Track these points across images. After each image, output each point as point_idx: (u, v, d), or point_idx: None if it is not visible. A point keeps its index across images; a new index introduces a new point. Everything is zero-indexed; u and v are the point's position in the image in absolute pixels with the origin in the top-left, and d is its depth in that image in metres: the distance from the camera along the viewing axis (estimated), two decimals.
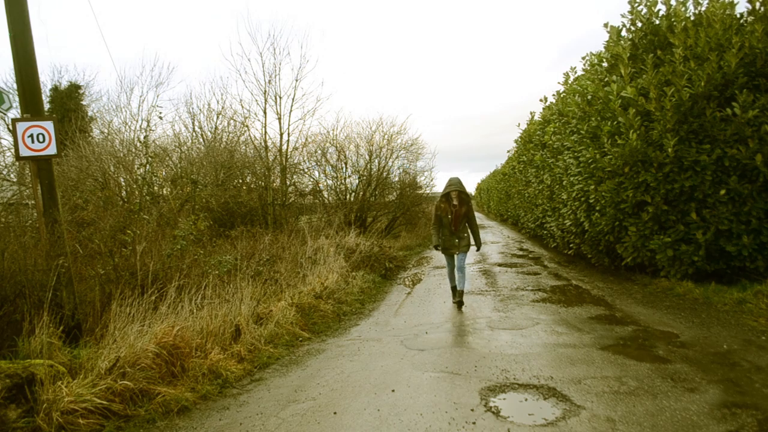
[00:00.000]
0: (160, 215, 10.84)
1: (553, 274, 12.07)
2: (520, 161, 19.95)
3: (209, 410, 5.09)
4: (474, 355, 6.27)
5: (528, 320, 7.78)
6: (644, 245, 9.63)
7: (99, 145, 15.62)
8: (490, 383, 5.32)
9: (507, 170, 25.80)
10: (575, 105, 11.02)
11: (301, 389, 5.50)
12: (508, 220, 28.89)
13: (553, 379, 5.33)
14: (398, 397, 5.07)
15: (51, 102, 24.21)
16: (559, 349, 6.34)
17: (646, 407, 4.54)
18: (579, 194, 11.30)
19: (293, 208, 18.50)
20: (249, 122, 18.34)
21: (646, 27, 9.80)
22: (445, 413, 4.65)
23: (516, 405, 4.79)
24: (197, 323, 6.45)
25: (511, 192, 24.63)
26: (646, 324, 7.31)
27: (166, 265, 7.71)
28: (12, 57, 6.24)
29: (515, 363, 5.88)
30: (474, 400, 4.90)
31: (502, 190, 29.42)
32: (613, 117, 9.63)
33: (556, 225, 14.52)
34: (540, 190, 15.93)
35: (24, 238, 6.81)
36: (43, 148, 6.10)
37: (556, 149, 13.15)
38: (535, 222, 18.24)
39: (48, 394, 4.68)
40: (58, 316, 5.72)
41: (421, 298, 10.10)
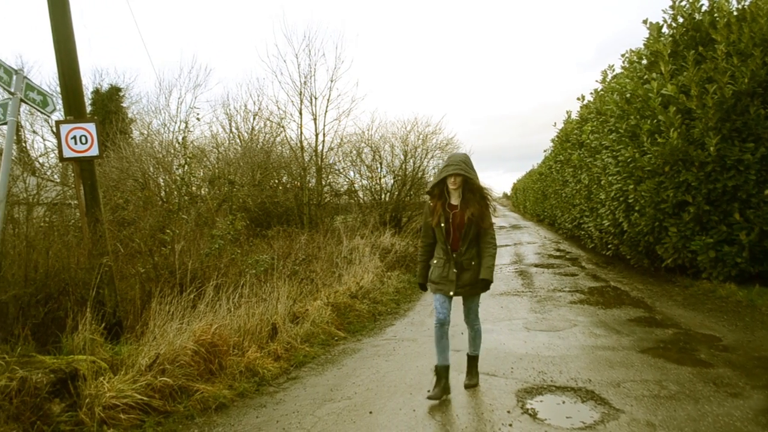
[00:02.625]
0: (198, 215, 11.00)
1: (591, 276, 11.92)
2: (556, 161, 19.73)
3: (246, 407, 5.15)
4: (510, 356, 6.23)
5: (565, 322, 7.70)
6: (685, 246, 9.44)
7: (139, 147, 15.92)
8: (527, 385, 5.27)
9: (543, 170, 25.53)
10: (614, 103, 10.84)
11: (337, 388, 5.52)
12: (545, 221, 28.58)
13: (592, 381, 5.26)
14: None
15: (92, 104, 24.76)
16: (598, 351, 6.25)
17: (688, 412, 4.45)
18: (618, 194, 11.12)
19: (329, 208, 18.57)
20: (285, 123, 18.47)
21: (688, 23, 9.59)
22: (481, 414, 4.62)
23: (553, 407, 4.74)
24: (235, 322, 6.53)
25: (548, 192, 24.36)
26: (687, 327, 7.17)
27: (204, 264, 7.82)
28: (56, 61, 6.39)
29: (552, 365, 5.82)
30: (510, 402, 4.86)
31: (539, 190, 29.11)
32: (652, 115, 9.45)
33: (593, 225, 14.31)
34: (577, 189, 15.73)
35: (67, 237, 6.97)
36: (85, 149, 6.23)
37: (594, 148, 12.96)
38: (573, 222, 18.01)
39: (90, 389, 4.78)
40: (100, 314, 5.84)
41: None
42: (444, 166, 5.18)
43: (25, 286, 5.55)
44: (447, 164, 5.12)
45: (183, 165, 10.61)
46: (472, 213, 4.98)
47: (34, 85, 6.24)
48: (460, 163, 5.02)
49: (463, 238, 5.06)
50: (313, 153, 17.75)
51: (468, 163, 5.09)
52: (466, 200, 5.05)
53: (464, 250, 5.08)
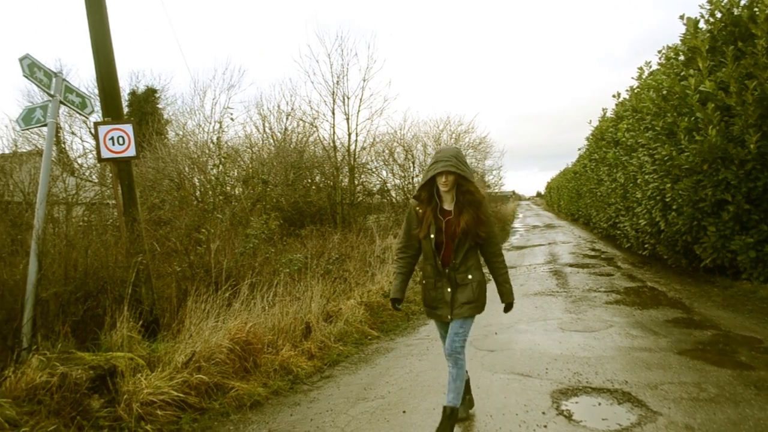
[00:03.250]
0: (232, 214, 11.12)
1: (627, 276, 11.74)
2: (591, 159, 19.49)
3: (281, 405, 5.19)
4: (545, 357, 6.17)
5: (601, 322, 7.60)
6: (724, 246, 9.24)
7: (174, 147, 16.15)
8: (562, 386, 5.22)
9: (578, 168, 25.25)
10: (650, 100, 10.66)
11: (371, 387, 5.53)
12: (579, 220, 28.27)
13: (628, 383, 5.18)
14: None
15: (129, 106, 25.20)
16: (634, 352, 6.16)
17: (728, 415, 4.36)
18: (654, 193, 10.94)
19: (361, 208, 18.62)
20: (317, 123, 18.58)
21: (726, 18, 9.37)
22: (516, 415, 4.59)
23: (589, 409, 4.68)
24: (269, 320, 6.59)
25: (582, 191, 24.09)
26: (727, 328, 7.02)
27: (238, 263, 7.90)
28: (93, 64, 6.51)
29: (588, 366, 5.75)
30: (545, 403, 4.82)
31: (573, 189, 28.81)
32: (690, 112, 9.27)
33: (629, 225, 14.11)
34: (613, 188, 15.52)
35: (105, 236, 7.10)
36: (123, 150, 6.33)
37: (630, 146, 12.77)
38: (608, 221, 17.78)
39: (128, 385, 4.86)
40: (138, 311, 5.94)
41: (489, 298, 9.88)
42: (432, 162, 4.27)
43: (65, 284, 5.67)
44: (435, 160, 4.24)
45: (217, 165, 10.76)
46: (467, 221, 4.16)
47: (73, 88, 6.36)
48: (450, 158, 4.17)
49: (456, 250, 4.25)
50: (346, 152, 17.83)
51: (460, 158, 4.26)
52: (460, 204, 4.23)
53: (458, 263, 4.27)
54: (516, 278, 12.09)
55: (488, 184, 24.19)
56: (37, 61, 5.90)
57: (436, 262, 4.29)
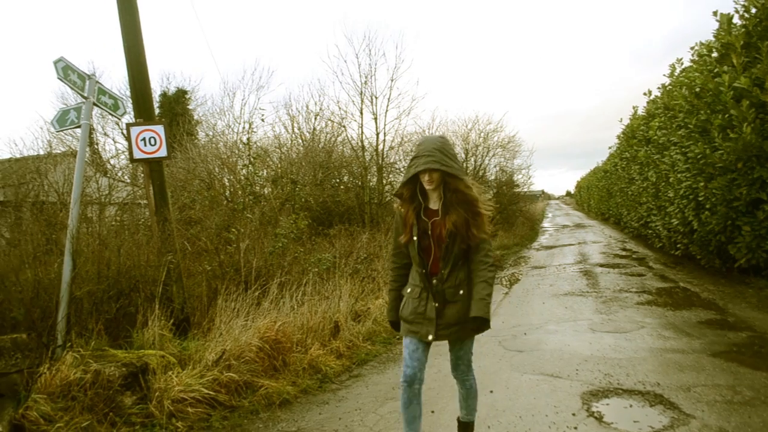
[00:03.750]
0: (262, 214, 11.18)
1: (659, 276, 11.57)
2: (622, 158, 19.24)
3: (309, 404, 5.22)
4: (575, 358, 6.11)
5: (632, 323, 7.50)
6: (760, 246, 9.05)
7: (204, 147, 16.31)
8: (593, 387, 5.16)
9: (608, 167, 24.95)
10: (682, 98, 10.49)
11: (399, 387, 5.52)
12: (610, 219, 27.93)
13: (660, 385, 5.10)
14: (497, 399, 5.02)
15: (160, 107, 25.51)
16: (667, 354, 6.06)
17: (764, 419, 4.27)
18: (687, 192, 10.76)
19: (389, 207, 18.61)
20: (346, 123, 18.61)
21: (762, 13, 9.17)
22: (545, 416, 4.55)
23: (620, 411, 4.62)
24: (298, 319, 6.63)
25: (613, 190, 23.80)
26: (763, 330, 6.87)
27: (268, 263, 7.95)
28: (126, 66, 6.61)
29: (619, 367, 5.68)
30: (575, 405, 4.77)
31: (603, 188, 28.48)
32: (724, 110, 9.10)
33: (661, 224, 13.90)
34: (644, 187, 15.31)
35: (137, 235, 7.20)
36: (154, 150, 6.41)
37: (662, 145, 12.58)
38: (639, 221, 17.54)
39: (160, 383, 4.94)
40: (169, 310, 6.02)
41: (519, 298, 9.93)
42: (413, 157, 3.61)
43: (98, 282, 5.76)
44: (416, 154, 3.57)
45: (247, 165, 10.83)
46: (454, 222, 3.50)
47: (106, 90, 6.46)
48: (433, 152, 3.48)
49: (444, 257, 3.57)
50: (374, 152, 17.84)
51: (446, 150, 3.55)
52: (448, 203, 3.57)
53: (447, 273, 3.58)
54: (545, 278, 12.00)
55: (517, 184, 24.00)
56: (71, 64, 6.00)
57: (423, 269, 3.64)
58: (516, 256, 17.50)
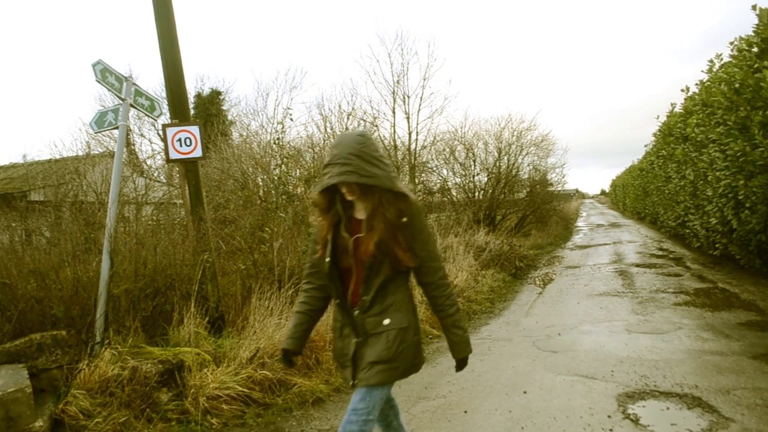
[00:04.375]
0: (295, 214, 11.25)
1: (697, 276, 11.35)
2: (658, 156, 18.90)
3: (342, 402, 5.24)
4: (610, 359, 6.02)
5: (669, 324, 7.37)
6: None
7: (238, 148, 16.44)
8: (628, 389, 5.09)
9: (644, 165, 24.53)
10: (721, 94, 10.27)
11: (432, 386, 5.52)
12: (646, 218, 27.48)
13: (698, 388, 5.01)
14: (530, 399, 4.98)
15: (195, 108, 25.83)
16: (705, 356, 5.94)
17: None
18: (726, 190, 10.54)
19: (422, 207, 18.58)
20: (378, 122, 18.62)
21: None
22: (580, 418, 4.50)
23: (657, 413, 4.55)
24: (331, 318, 6.63)
25: (649, 188, 23.40)
26: None
27: (301, 262, 7.99)
28: (162, 68, 6.69)
29: (656, 369, 5.58)
30: (611, 406, 4.71)
31: (639, 187, 28.01)
32: (765, 106, 8.88)
33: (699, 223, 13.63)
34: (681, 186, 15.03)
35: (173, 235, 7.30)
36: (190, 150, 6.49)
37: (700, 142, 12.33)
38: (676, 220, 17.22)
39: (195, 380, 5.01)
40: (204, 308, 6.09)
41: (553, 298, 9.83)
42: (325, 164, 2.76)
43: (135, 280, 5.86)
44: (327, 161, 2.75)
45: (280, 165, 10.89)
46: (380, 238, 2.72)
47: (143, 91, 6.56)
48: (349, 159, 2.68)
49: (367, 282, 2.79)
50: (406, 151, 17.82)
51: (366, 153, 2.73)
52: (373, 216, 2.77)
53: (369, 300, 2.80)
54: (580, 278, 11.87)
55: (550, 183, 23.74)
56: (109, 66, 6.11)
57: (341, 298, 2.92)
58: (550, 255, 17.34)
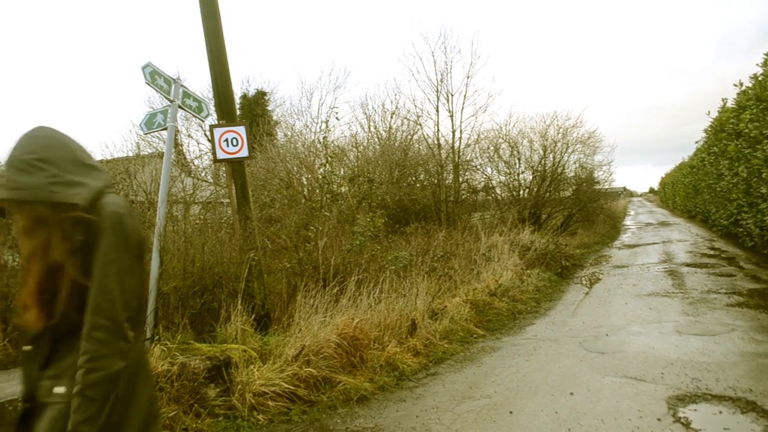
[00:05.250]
0: (339, 212, 11.33)
1: (751, 276, 11.01)
2: (710, 152, 18.42)
3: (386, 401, 5.25)
4: (660, 361, 5.89)
5: (722, 326, 7.17)
6: None
7: (283, 147, 16.62)
8: (679, 392, 4.97)
9: (695, 163, 23.93)
10: None
11: (476, 386, 5.49)
12: (697, 217, 26.80)
13: (753, 392, 4.86)
14: (577, 401, 4.90)
15: (241, 108, 26.18)
16: (760, 359, 5.76)
17: None
18: None
19: (466, 205, 18.49)
20: (421, 120, 18.59)
21: None
22: (629, 421, 4.42)
23: (709, 417, 4.43)
24: (375, 316, 6.67)
25: (700, 186, 22.82)
26: None
27: (345, 260, 8.04)
28: (209, 70, 6.81)
29: (707, 372, 5.44)
30: (661, 409, 4.60)
31: (690, 185, 27.35)
32: None
33: (753, 222, 13.24)
34: (734, 183, 14.61)
35: (220, 233, 7.42)
36: (236, 150, 6.59)
37: (754, 138, 11.97)
38: (729, 219, 16.75)
39: (242, 376, 5.08)
40: (250, 306, 6.18)
41: (600, 298, 9.66)
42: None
43: (183, 278, 5.98)
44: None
45: (324, 164, 10.98)
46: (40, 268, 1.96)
47: (190, 93, 6.68)
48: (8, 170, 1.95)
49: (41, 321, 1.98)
50: (450, 150, 17.74)
51: (16, 158, 1.96)
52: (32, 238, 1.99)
53: (44, 351, 1.99)
54: (628, 278, 11.64)
55: (597, 180, 23.34)
56: (158, 69, 6.24)
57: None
58: (597, 254, 17.05)
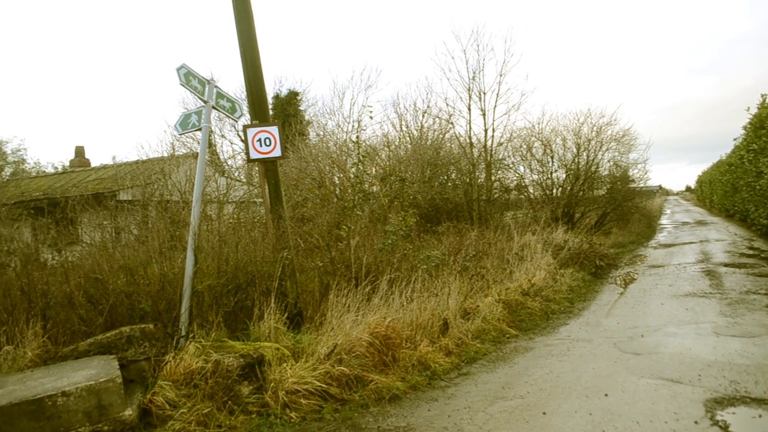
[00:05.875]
0: (371, 212, 11.36)
1: None
2: (749, 150, 18.02)
3: (418, 400, 5.24)
4: (697, 362, 5.79)
5: (761, 327, 7.01)
6: None
7: (315, 147, 16.74)
8: (717, 395, 4.87)
9: (733, 160, 23.44)
10: None
11: (509, 386, 5.45)
12: (735, 216, 26.24)
13: None
14: (612, 403, 4.84)
15: (273, 109, 26.40)
16: None
17: None
18: None
19: (498, 204, 18.39)
20: (453, 119, 18.54)
21: None
22: (665, 423, 4.35)
23: (748, 421, 4.34)
24: (407, 315, 6.67)
25: (739, 184, 22.34)
26: None
27: (377, 259, 8.05)
28: (242, 71, 6.87)
29: (746, 374, 5.33)
30: (698, 412, 4.52)
31: (728, 183, 26.80)
32: None
33: None
34: None
35: (253, 232, 7.49)
36: (269, 150, 6.64)
37: None
38: None
39: (275, 374, 5.13)
40: (283, 304, 6.23)
41: (635, 298, 9.52)
42: None
43: (217, 277, 6.05)
44: None
45: (356, 164, 11.03)
46: None
47: (224, 93, 6.76)
48: None
49: None
50: (482, 148, 17.66)
51: None
52: None
53: None
54: (664, 278, 11.45)
55: (632, 179, 22.97)
56: (192, 70, 6.32)
57: None
58: (631, 254, 16.80)
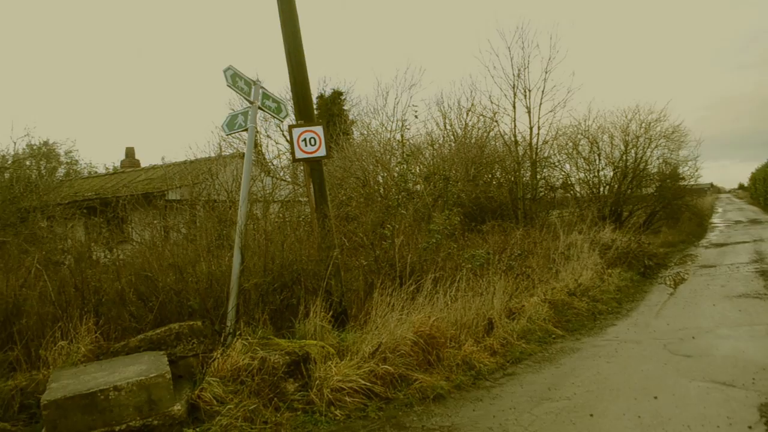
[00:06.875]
0: (415, 211, 11.34)
1: None
2: None
3: (463, 400, 5.22)
4: (751, 365, 5.62)
5: None
6: None
7: (359, 146, 16.77)
8: None
9: None
10: None
11: (555, 387, 5.39)
12: None
13: None
14: (661, 406, 4.74)
15: (317, 108, 26.58)
16: None
17: None
18: None
19: (543, 203, 18.15)
20: (498, 117, 18.35)
21: None
22: (717, 428, 4.24)
23: None
24: (451, 315, 6.65)
25: None
26: None
27: (422, 258, 8.04)
28: (288, 71, 6.95)
29: None
30: (752, 417, 4.39)
31: None
32: None
33: None
34: None
35: (299, 231, 7.56)
36: (314, 150, 6.70)
37: None
38: None
39: (320, 372, 5.17)
40: (328, 303, 6.27)
41: (685, 299, 9.30)
42: None
43: (263, 275, 6.13)
44: None
45: (400, 163, 11.02)
46: None
47: (269, 94, 6.84)
48: None
49: None
50: (527, 146, 17.45)
51: None
52: None
53: None
54: (715, 278, 11.15)
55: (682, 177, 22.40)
56: (239, 72, 6.42)
57: None
58: (682, 254, 16.42)
